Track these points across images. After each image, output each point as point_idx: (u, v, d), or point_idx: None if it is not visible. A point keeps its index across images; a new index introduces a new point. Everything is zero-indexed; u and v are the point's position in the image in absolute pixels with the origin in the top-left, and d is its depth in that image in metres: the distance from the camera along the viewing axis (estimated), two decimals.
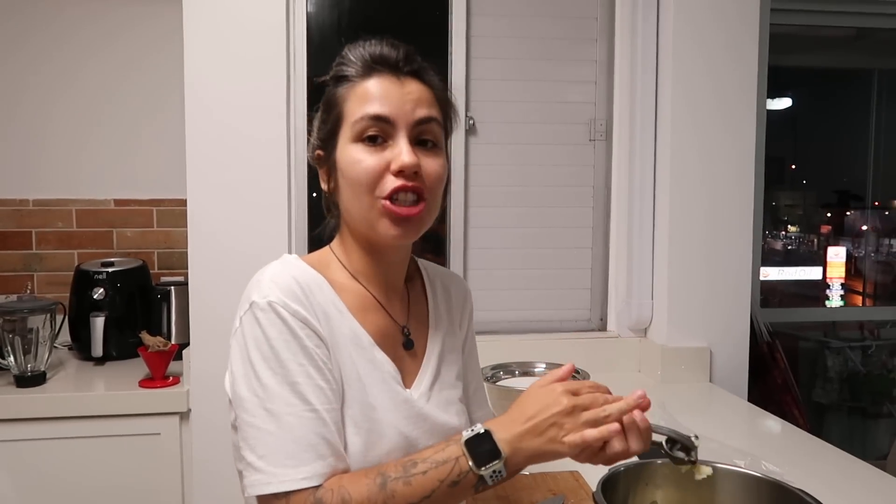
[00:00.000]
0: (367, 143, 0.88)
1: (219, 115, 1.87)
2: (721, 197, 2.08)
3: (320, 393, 0.81)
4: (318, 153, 0.95)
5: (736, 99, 2.06)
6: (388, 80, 0.89)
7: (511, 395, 1.63)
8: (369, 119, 0.87)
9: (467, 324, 1.11)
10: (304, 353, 0.82)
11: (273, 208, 1.91)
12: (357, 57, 0.91)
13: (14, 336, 1.90)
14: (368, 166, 0.87)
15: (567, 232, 2.26)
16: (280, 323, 0.82)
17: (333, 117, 0.91)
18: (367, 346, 0.90)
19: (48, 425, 1.84)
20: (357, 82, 0.90)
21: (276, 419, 0.78)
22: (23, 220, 2.40)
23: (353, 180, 0.88)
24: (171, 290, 2.18)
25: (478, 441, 0.77)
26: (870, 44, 2.90)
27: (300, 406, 0.79)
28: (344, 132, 0.90)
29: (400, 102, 0.88)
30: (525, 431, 0.77)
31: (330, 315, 0.88)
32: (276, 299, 0.83)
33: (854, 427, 2.93)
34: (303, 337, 0.82)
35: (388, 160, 0.87)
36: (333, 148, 0.91)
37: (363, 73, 0.90)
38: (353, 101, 0.89)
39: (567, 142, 2.24)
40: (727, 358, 2.09)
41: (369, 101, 0.88)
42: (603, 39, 2.23)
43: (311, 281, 0.89)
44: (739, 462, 1.29)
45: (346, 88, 0.90)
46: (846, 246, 3.26)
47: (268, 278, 0.86)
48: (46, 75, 2.39)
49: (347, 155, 0.88)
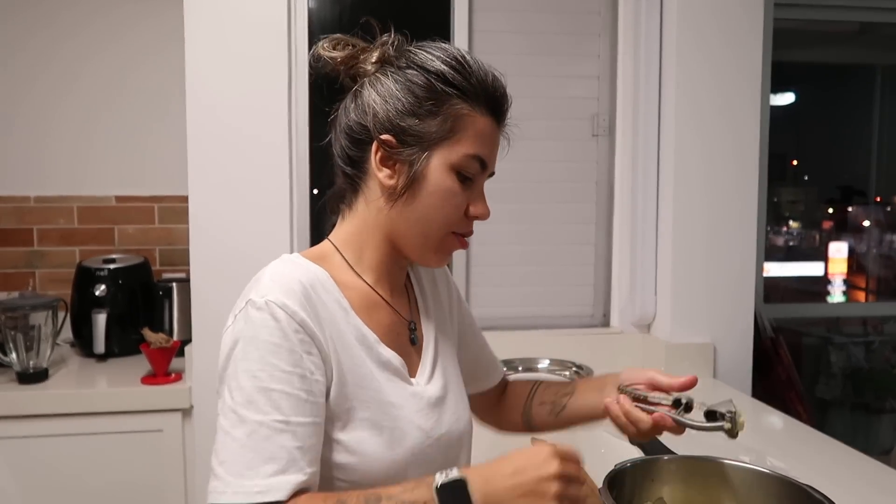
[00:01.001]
0: (461, 178, 0.87)
1: (220, 112, 1.86)
2: (724, 192, 2.07)
3: (298, 404, 0.76)
4: (388, 138, 0.86)
5: (739, 94, 2.05)
6: (495, 127, 0.89)
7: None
8: (477, 161, 0.87)
9: (456, 297, 1.10)
10: (292, 360, 0.77)
11: (274, 205, 1.90)
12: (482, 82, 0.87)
13: (16, 333, 1.90)
14: (459, 203, 0.87)
15: (570, 228, 2.25)
16: (273, 324, 0.77)
17: (440, 127, 0.85)
18: (374, 344, 0.87)
19: (50, 422, 1.84)
20: (477, 113, 0.87)
21: (244, 425, 0.74)
22: (24, 216, 2.40)
23: (439, 207, 0.86)
24: (173, 287, 2.18)
25: (451, 490, 0.71)
26: (873, 39, 2.89)
27: (272, 415, 0.74)
28: (446, 151, 0.86)
29: (494, 153, 0.90)
30: (505, 489, 0.71)
31: (335, 315, 0.85)
32: (274, 299, 0.78)
33: (857, 423, 2.92)
34: (295, 342, 0.78)
35: (468, 202, 0.88)
36: (425, 157, 0.86)
37: (484, 106, 0.87)
38: (470, 130, 0.86)
39: (570, 137, 2.23)
40: (731, 354, 2.09)
41: (483, 142, 0.87)
42: (606, 34, 2.22)
43: (314, 279, 0.85)
44: (744, 458, 1.28)
45: (467, 110, 0.86)
46: (848, 242, 3.25)
47: (268, 277, 0.83)
48: (49, 73, 2.38)
49: (444, 179, 0.86)
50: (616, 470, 0.92)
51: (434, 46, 0.89)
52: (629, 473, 0.94)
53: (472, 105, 0.86)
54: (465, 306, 1.13)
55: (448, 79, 0.85)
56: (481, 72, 0.88)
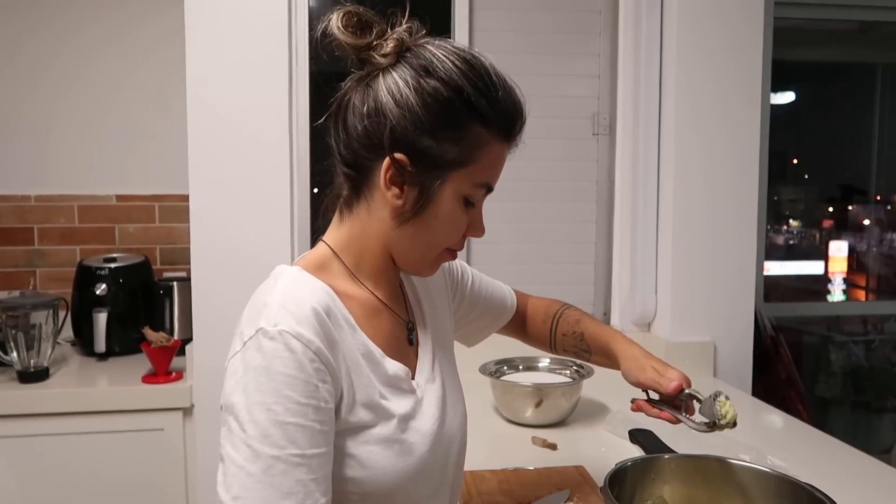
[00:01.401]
0: (467, 203, 0.86)
1: (221, 111, 1.86)
2: (724, 191, 2.07)
3: (313, 436, 0.74)
4: (401, 157, 0.81)
5: (739, 93, 2.05)
6: (506, 148, 0.87)
7: (514, 389, 1.63)
8: (485, 187, 0.86)
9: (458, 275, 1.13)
10: (307, 391, 0.74)
11: (275, 203, 1.90)
12: (504, 108, 0.84)
13: (17, 332, 1.90)
14: (461, 227, 0.87)
15: (570, 226, 2.26)
16: (288, 355, 0.74)
17: (452, 153, 0.81)
18: (380, 359, 0.85)
19: (51, 421, 1.84)
20: (494, 140, 0.84)
21: (259, 460, 0.71)
22: (25, 215, 2.40)
23: (443, 234, 0.86)
24: (174, 286, 2.18)
25: None
26: (873, 38, 2.89)
27: (288, 449, 0.72)
28: (460, 179, 0.83)
29: (499, 173, 0.88)
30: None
31: (344, 333, 0.82)
32: (287, 328, 0.75)
33: (857, 421, 2.93)
34: (311, 372, 0.75)
35: (468, 222, 0.87)
36: (438, 181, 0.82)
37: (502, 133, 0.85)
38: (486, 159, 0.83)
39: (570, 136, 2.23)
40: (731, 352, 2.09)
41: (494, 168, 0.86)
42: (606, 33, 2.22)
43: (324, 300, 0.81)
44: (745, 456, 1.28)
45: (486, 137, 0.83)
46: (848, 240, 3.25)
47: (277, 302, 0.78)
48: (50, 72, 2.39)
49: (452, 206, 0.84)
50: (617, 468, 0.92)
51: (455, 52, 0.83)
52: (630, 472, 0.94)
53: (491, 131, 0.83)
54: (456, 272, 1.14)
55: (472, 102, 0.80)
56: (505, 94, 0.84)
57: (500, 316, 1.23)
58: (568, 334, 1.19)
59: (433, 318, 1.01)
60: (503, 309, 1.23)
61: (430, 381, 0.93)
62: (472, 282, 1.17)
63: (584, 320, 1.19)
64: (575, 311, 1.23)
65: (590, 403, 1.74)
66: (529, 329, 1.27)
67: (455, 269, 1.14)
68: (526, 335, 1.28)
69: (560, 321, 1.21)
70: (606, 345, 1.14)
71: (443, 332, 1.03)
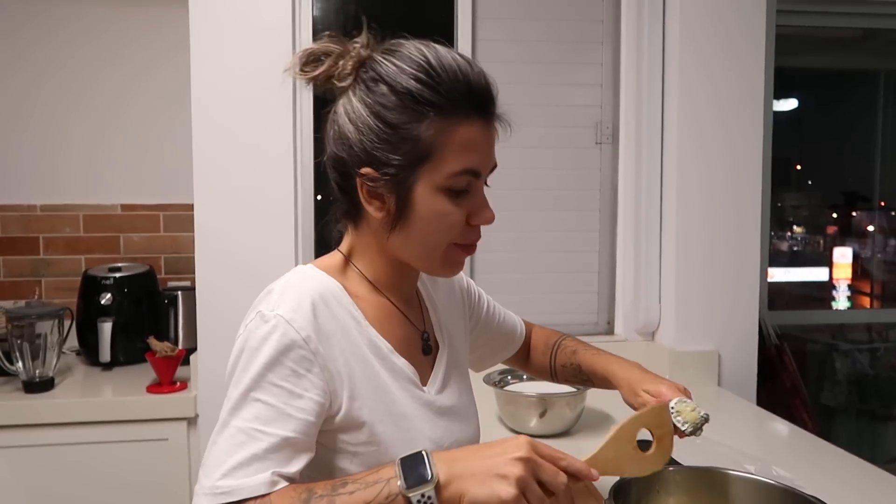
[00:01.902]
0: (453, 194, 0.83)
1: (225, 121, 1.87)
2: (728, 199, 2.07)
3: (279, 417, 0.76)
4: (368, 171, 0.83)
5: (742, 101, 2.06)
6: (482, 125, 0.83)
7: (518, 399, 1.63)
8: (466, 174, 0.82)
9: (466, 291, 1.13)
10: (284, 375, 0.77)
11: (279, 213, 1.91)
12: (454, 86, 0.81)
13: (22, 342, 1.90)
14: (455, 221, 0.84)
15: (574, 235, 2.26)
16: (276, 338, 0.78)
17: (415, 152, 0.81)
18: (387, 353, 0.88)
19: (56, 431, 1.84)
20: (456, 123, 0.81)
21: (225, 429, 0.75)
22: (30, 225, 2.41)
23: (435, 231, 0.84)
24: (179, 295, 2.19)
25: (412, 460, 0.71)
26: (876, 45, 2.89)
27: (252, 423, 0.75)
28: (429, 176, 0.82)
29: (489, 153, 0.85)
30: (468, 466, 0.70)
31: (348, 327, 0.85)
32: (282, 313, 0.79)
33: (863, 430, 2.91)
34: (294, 359, 0.78)
35: (468, 211, 0.85)
36: (408, 184, 0.82)
37: (464, 113, 0.81)
38: (451, 145, 0.81)
39: (573, 145, 2.24)
40: (735, 361, 2.09)
41: (470, 151, 0.82)
42: (609, 43, 2.23)
43: (327, 292, 0.85)
44: (749, 467, 1.28)
45: (439, 126, 0.80)
46: (853, 247, 3.25)
47: (279, 290, 0.83)
48: (56, 82, 2.40)
49: (432, 204, 0.83)
50: (622, 480, 0.92)
51: (403, 54, 0.83)
52: (635, 484, 0.94)
53: (450, 117, 0.81)
54: (474, 294, 1.16)
55: (417, 97, 0.80)
56: (455, 75, 0.81)
57: (509, 345, 1.25)
58: (566, 365, 1.19)
59: (450, 335, 1.03)
60: (512, 338, 1.25)
61: (440, 392, 0.94)
62: (486, 308, 1.19)
63: (579, 351, 1.19)
64: (571, 342, 1.23)
65: (594, 413, 1.74)
66: (532, 360, 1.28)
67: (473, 292, 1.16)
68: (528, 366, 1.29)
69: (558, 352, 1.22)
70: (603, 373, 1.13)
71: (458, 350, 1.04)
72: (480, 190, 0.87)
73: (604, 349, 1.19)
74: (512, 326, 1.24)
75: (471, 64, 0.83)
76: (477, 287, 1.18)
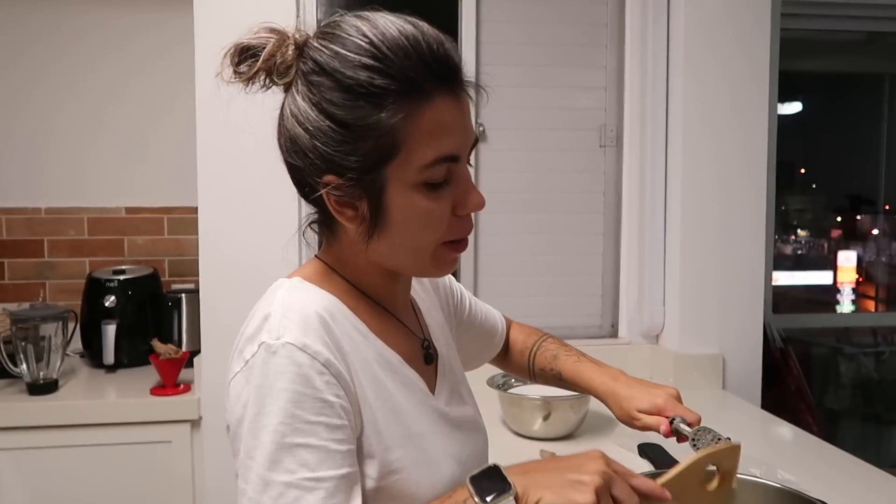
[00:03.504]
0: (432, 187, 0.73)
1: (229, 124, 1.86)
2: (733, 202, 2.07)
3: (327, 456, 0.67)
4: (331, 179, 0.73)
5: (747, 104, 2.05)
6: (452, 100, 0.72)
7: (522, 402, 1.62)
8: (442, 162, 0.72)
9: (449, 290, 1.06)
10: (316, 408, 0.68)
11: (283, 216, 1.91)
12: (406, 63, 0.69)
13: (27, 344, 1.91)
14: (440, 217, 0.74)
15: (578, 238, 2.25)
16: (294, 370, 0.68)
17: (379, 149, 0.71)
18: (398, 366, 0.80)
19: (60, 433, 1.85)
20: (419, 106, 0.70)
21: (269, 489, 0.66)
22: (35, 228, 2.41)
23: (421, 233, 0.75)
24: (182, 298, 2.19)
25: (484, 476, 0.66)
26: (881, 48, 2.89)
27: (299, 473, 0.66)
28: (400, 173, 0.72)
29: (464, 130, 0.74)
30: (543, 477, 0.65)
31: (357, 343, 0.76)
32: (292, 340, 0.69)
33: (868, 434, 2.90)
34: (321, 386, 0.68)
35: (453, 201, 0.75)
36: (378, 185, 0.72)
37: (427, 91, 0.70)
38: (417, 136, 0.70)
39: (577, 148, 2.23)
40: (740, 364, 2.08)
41: (441, 134, 0.71)
42: (613, 45, 2.22)
43: (331, 306, 0.76)
44: (755, 471, 1.28)
45: (400, 115, 0.69)
46: (857, 250, 3.24)
47: (279, 313, 0.72)
48: (58, 84, 2.40)
49: (410, 203, 0.73)
50: None
51: (342, 37, 0.72)
52: None
53: (409, 101, 0.69)
54: (457, 293, 1.09)
55: (367, 87, 0.69)
56: (405, 51, 0.69)
57: (491, 344, 1.19)
58: (546, 370, 1.14)
59: (444, 339, 0.98)
60: (494, 337, 1.18)
61: (449, 403, 0.89)
62: (469, 307, 1.12)
63: (560, 356, 1.13)
64: (552, 345, 1.16)
65: (598, 416, 1.73)
66: (510, 359, 1.22)
67: (456, 290, 1.08)
68: (507, 365, 1.24)
69: (537, 355, 1.16)
70: (586, 387, 1.09)
71: (452, 355, 0.99)
72: (463, 174, 0.75)
73: (586, 354, 1.13)
74: (493, 324, 1.17)
75: (420, 29, 0.71)
76: (458, 284, 1.10)
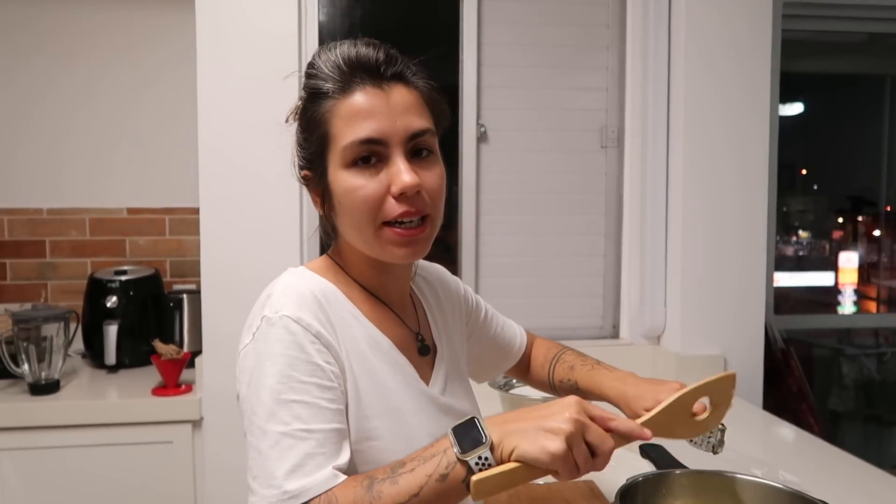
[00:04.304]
0: (360, 167, 0.83)
1: (231, 125, 1.87)
2: (734, 203, 2.07)
3: (318, 412, 0.77)
4: (304, 173, 0.91)
5: (748, 105, 2.06)
6: (372, 91, 0.83)
7: (524, 403, 1.63)
8: (360, 144, 0.82)
9: (463, 297, 1.12)
10: (309, 370, 0.78)
11: (285, 216, 1.91)
12: (331, 67, 0.84)
13: (28, 344, 1.91)
14: (367, 194, 0.83)
15: (579, 239, 2.25)
16: (289, 338, 0.79)
17: (317, 138, 0.86)
18: (388, 349, 0.89)
19: (61, 433, 1.85)
20: (338, 99, 0.84)
21: (267, 438, 0.75)
22: (37, 228, 2.42)
23: (353, 209, 0.84)
24: (184, 298, 2.19)
25: (464, 428, 0.73)
26: (882, 49, 2.89)
27: (294, 425, 0.75)
28: (333, 156, 0.85)
29: (390, 117, 0.82)
30: (520, 425, 0.71)
31: (348, 323, 0.86)
32: (288, 313, 0.80)
33: (869, 435, 2.90)
34: (312, 353, 0.79)
35: (387, 182, 0.83)
36: (323, 171, 0.86)
37: (342, 87, 0.84)
38: (337, 122, 0.83)
39: (579, 149, 2.24)
40: (741, 365, 2.08)
41: (356, 122, 0.82)
42: (614, 47, 2.23)
43: (326, 290, 0.87)
44: (756, 471, 1.28)
45: (327, 107, 0.84)
46: (858, 252, 3.24)
47: (279, 291, 0.84)
48: (61, 86, 2.41)
49: (342, 182, 0.84)
50: (628, 484, 0.92)
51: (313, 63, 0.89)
52: (641, 487, 0.94)
53: (331, 97, 0.84)
54: (471, 301, 1.14)
55: (310, 90, 0.87)
56: (331, 59, 0.85)
57: (508, 356, 1.22)
58: (564, 381, 1.16)
59: (449, 339, 1.03)
60: (511, 349, 1.21)
61: (443, 393, 0.95)
62: (484, 316, 1.17)
63: (576, 367, 1.16)
64: (570, 356, 1.19)
65: None
66: (532, 373, 1.25)
67: (471, 299, 1.14)
68: (529, 379, 1.26)
69: (556, 366, 1.18)
70: (599, 393, 1.10)
71: (458, 356, 1.04)
72: (395, 157, 0.83)
73: (602, 362, 1.16)
74: (511, 337, 1.21)
75: (356, 45, 0.86)
76: (476, 295, 1.17)
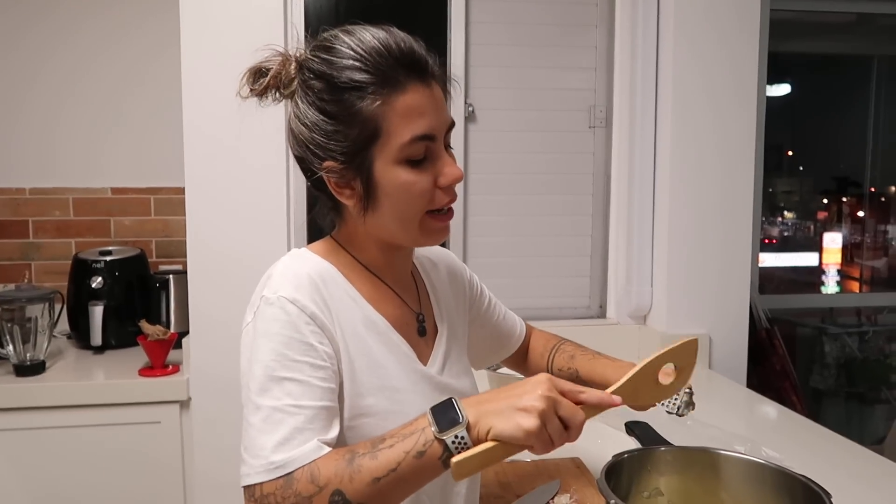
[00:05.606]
0: (414, 162, 0.85)
1: (216, 106, 1.85)
2: (721, 184, 2.08)
3: (309, 390, 0.80)
4: (330, 164, 0.87)
5: (735, 85, 2.06)
6: (423, 88, 0.85)
7: (511, 381, 1.63)
8: (418, 141, 0.84)
9: (468, 282, 1.14)
10: (302, 349, 0.81)
11: (271, 197, 1.90)
12: (384, 61, 0.84)
13: (13, 325, 1.90)
14: (423, 188, 0.86)
15: (567, 219, 2.26)
16: (285, 318, 0.82)
17: (363, 133, 0.84)
18: (384, 329, 0.91)
19: (48, 414, 1.84)
20: (393, 95, 0.83)
21: (260, 412, 0.78)
22: (20, 208, 2.39)
23: (407, 202, 0.86)
24: (170, 279, 2.18)
25: (442, 408, 0.75)
26: (869, 30, 2.89)
27: (284, 400, 0.78)
28: (384, 151, 0.85)
29: (437, 113, 0.86)
30: (495, 405, 0.74)
31: (344, 304, 0.88)
32: (285, 294, 0.83)
33: (851, 412, 2.95)
34: (306, 332, 0.82)
35: (434, 175, 0.87)
36: (366, 165, 0.86)
37: (398, 83, 0.84)
38: (393, 119, 0.84)
39: (567, 129, 2.23)
40: (726, 344, 2.10)
41: (413, 119, 0.84)
42: (603, 25, 2.22)
43: (324, 272, 0.89)
44: (739, 448, 1.29)
45: (379, 103, 0.83)
46: (843, 232, 3.26)
47: (279, 273, 0.87)
48: (46, 66, 2.37)
49: (396, 177, 0.85)
50: (613, 461, 0.93)
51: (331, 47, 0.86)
52: (626, 464, 0.95)
53: (386, 91, 0.83)
54: (476, 287, 1.16)
55: (351, 83, 0.84)
56: (379, 51, 0.84)
57: (507, 343, 1.24)
58: (563, 370, 1.18)
59: (451, 321, 1.04)
60: (510, 338, 1.24)
61: (441, 372, 0.96)
62: (488, 304, 1.19)
63: (577, 356, 1.18)
64: (569, 346, 1.22)
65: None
66: (529, 363, 1.27)
67: (476, 285, 1.17)
68: (526, 369, 1.28)
69: (556, 356, 1.21)
70: (601, 381, 1.11)
71: (459, 338, 1.05)
72: (441, 151, 0.88)
73: (600, 352, 1.18)
74: (511, 326, 1.24)
75: (392, 34, 0.86)
76: (480, 282, 1.19)
